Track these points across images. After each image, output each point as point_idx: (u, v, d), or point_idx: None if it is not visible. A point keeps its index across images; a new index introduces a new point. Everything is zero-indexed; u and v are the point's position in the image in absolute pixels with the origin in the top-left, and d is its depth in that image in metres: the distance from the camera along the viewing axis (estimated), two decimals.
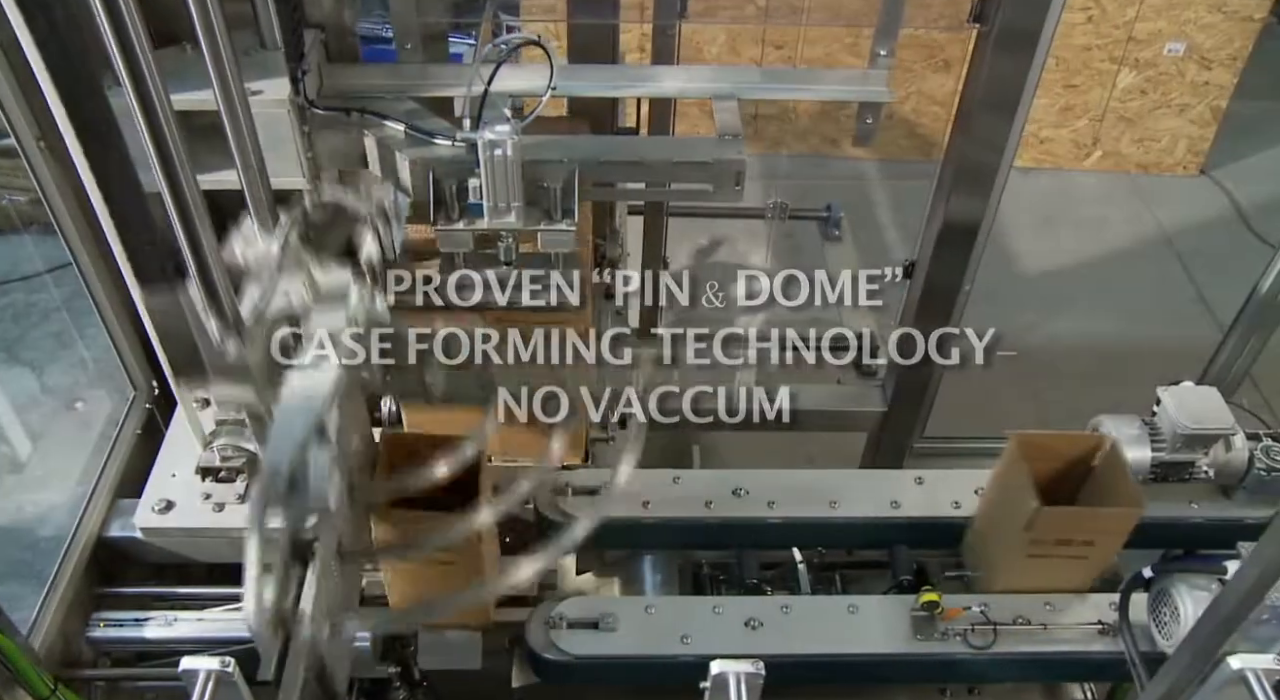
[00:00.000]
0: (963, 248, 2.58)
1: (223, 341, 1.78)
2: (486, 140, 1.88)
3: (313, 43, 2.11)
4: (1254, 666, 1.40)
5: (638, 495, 2.30)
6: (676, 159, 1.98)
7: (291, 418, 1.66)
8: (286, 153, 2.06)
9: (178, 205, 1.61)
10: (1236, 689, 1.47)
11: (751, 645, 2.09)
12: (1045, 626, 2.13)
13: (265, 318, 1.84)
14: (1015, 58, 2.23)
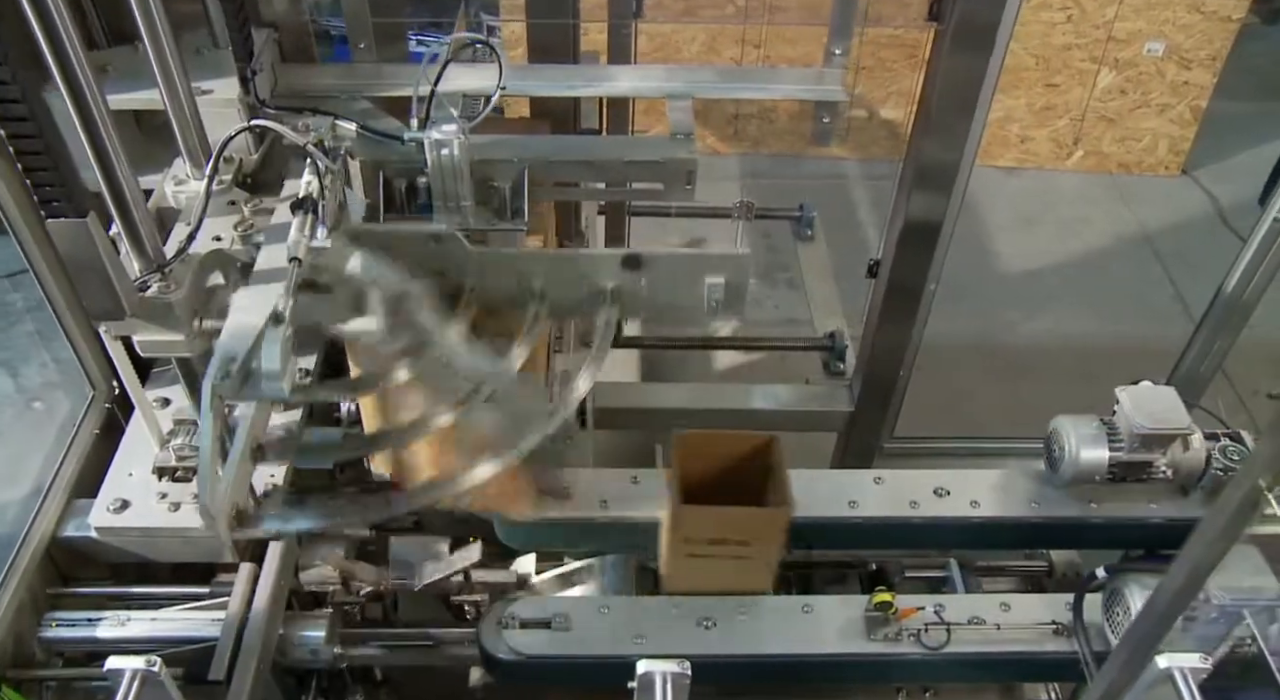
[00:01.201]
0: (925, 247, 2.58)
1: (144, 279, 1.73)
2: (433, 140, 1.88)
3: (265, 42, 2.12)
4: (1181, 665, 1.39)
5: (596, 495, 2.30)
6: (627, 158, 1.98)
7: (246, 308, 1.67)
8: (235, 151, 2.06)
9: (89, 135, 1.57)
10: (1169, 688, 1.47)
11: (705, 645, 2.10)
12: (999, 627, 2.13)
13: (190, 256, 1.81)
14: (973, 55, 2.24)
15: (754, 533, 2.04)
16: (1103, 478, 2.27)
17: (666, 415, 3.08)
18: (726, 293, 1.94)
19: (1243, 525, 1.34)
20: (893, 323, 2.76)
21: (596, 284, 1.92)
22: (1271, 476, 1.27)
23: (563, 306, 1.97)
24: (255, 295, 1.69)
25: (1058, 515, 2.35)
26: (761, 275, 4.31)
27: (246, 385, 1.58)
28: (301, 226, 1.71)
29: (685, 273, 1.92)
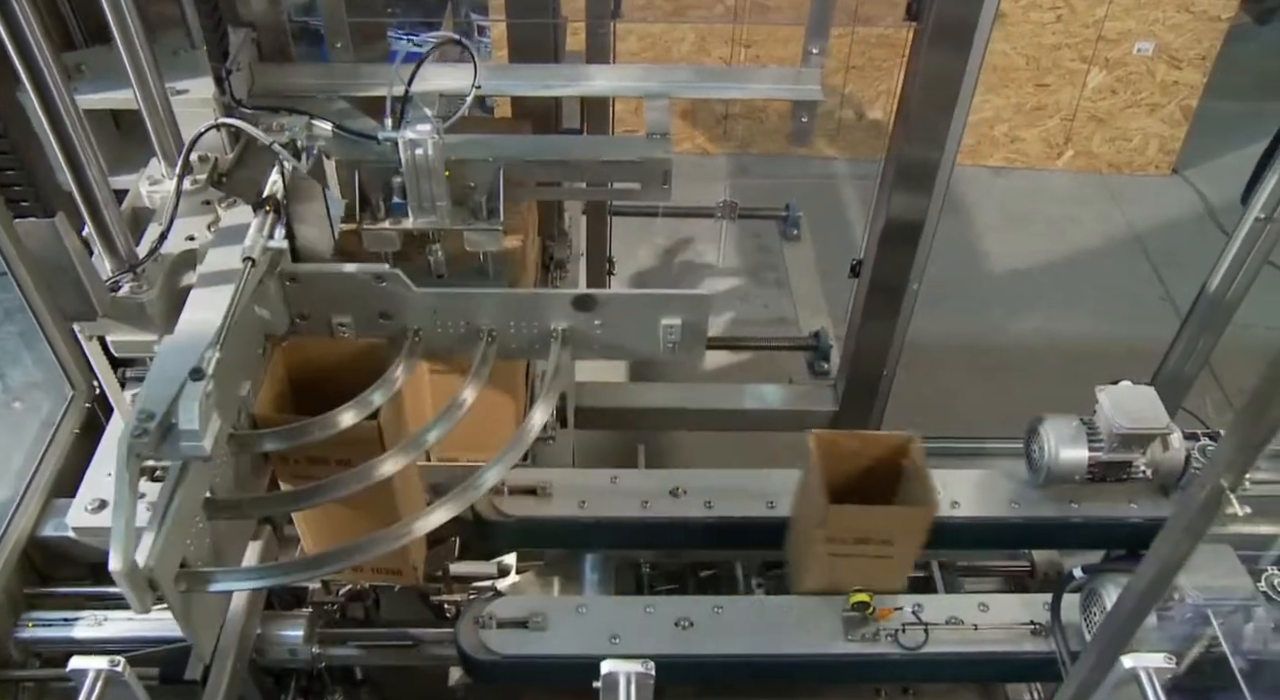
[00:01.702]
0: (907, 246, 2.58)
1: (117, 280, 1.70)
2: (407, 140, 1.88)
3: (242, 42, 2.11)
4: (1146, 665, 1.39)
5: (575, 495, 2.29)
6: (603, 158, 1.98)
7: (170, 356, 1.58)
8: (213, 152, 2.06)
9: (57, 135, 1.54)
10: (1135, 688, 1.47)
11: (682, 645, 2.09)
12: (976, 627, 2.13)
13: (162, 256, 1.79)
14: (952, 53, 2.23)
15: (898, 531, 2.05)
16: (1082, 478, 2.27)
17: (650, 415, 3.08)
18: (684, 334, 1.87)
19: (1206, 525, 1.34)
20: (876, 322, 2.76)
21: (547, 325, 1.88)
22: (1233, 476, 1.27)
23: (512, 347, 1.93)
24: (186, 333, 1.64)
25: (1038, 515, 2.35)
26: (750, 274, 4.31)
27: (165, 442, 1.50)
28: (261, 226, 1.70)
29: (640, 314, 1.86)
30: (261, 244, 1.73)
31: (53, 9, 2.13)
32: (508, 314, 1.88)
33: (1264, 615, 1.99)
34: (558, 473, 2.35)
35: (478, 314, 1.88)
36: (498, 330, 1.90)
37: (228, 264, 1.73)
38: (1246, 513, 1.26)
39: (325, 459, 1.89)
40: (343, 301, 1.88)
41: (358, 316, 1.90)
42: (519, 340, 1.92)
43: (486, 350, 1.89)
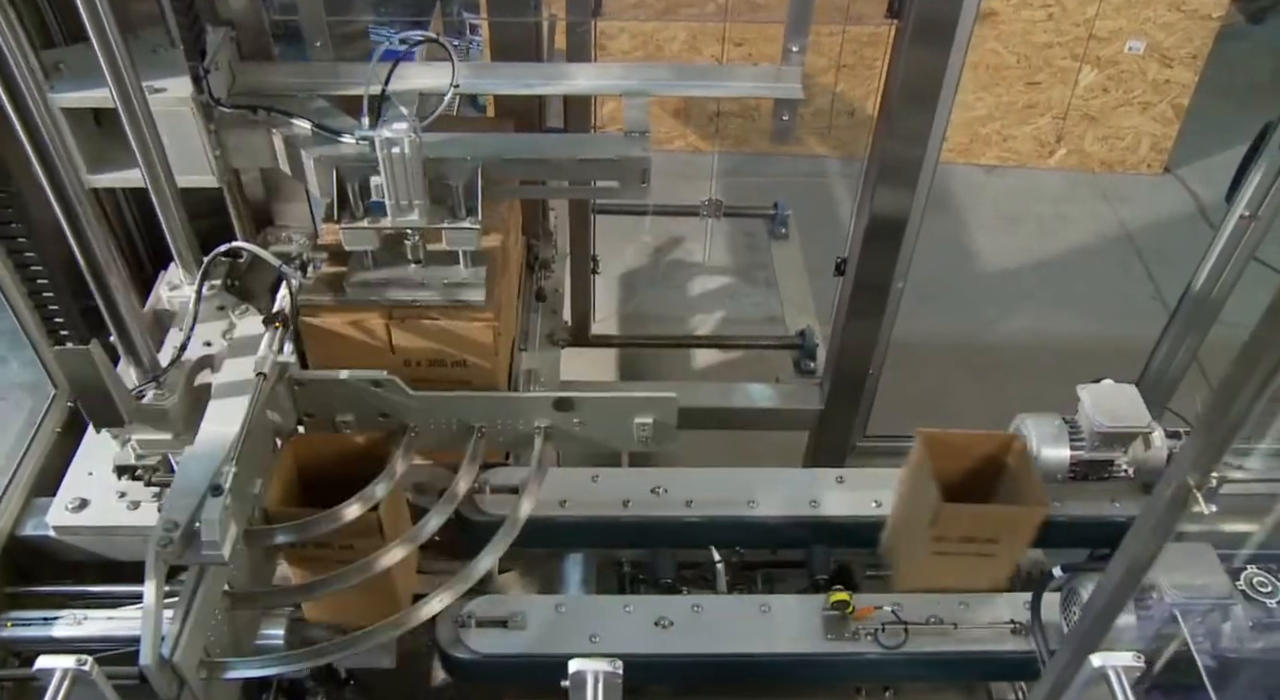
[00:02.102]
0: (891, 244, 2.57)
1: (141, 389, 1.85)
2: (384, 138, 1.88)
3: (222, 40, 2.11)
4: (1114, 664, 1.39)
5: (556, 494, 2.29)
6: (580, 156, 1.98)
7: (191, 466, 1.74)
8: (193, 151, 2.07)
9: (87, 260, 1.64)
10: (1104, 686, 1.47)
11: (661, 644, 2.09)
12: (957, 626, 2.12)
13: (183, 363, 1.95)
14: (933, 51, 2.23)
15: (1006, 531, 2.06)
16: (1064, 476, 2.27)
17: None
18: (655, 430, 2.06)
19: (1174, 523, 1.33)
20: (861, 321, 2.76)
21: (531, 422, 2.06)
22: (1199, 475, 1.27)
23: (499, 441, 2.11)
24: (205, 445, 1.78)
25: None
26: (741, 273, 4.31)
27: (189, 549, 1.65)
28: (271, 341, 1.78)
29: (614, 413, 2.04)
30: (272, 359, 1.88)
31: (32, 6, 2.13)
32: (495, 413, 2.06)
33: (1242, 614, 1.99)
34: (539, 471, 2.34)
35: (467, 413, 2.06)
36: (487, 427, 2.08)
37: (241, 374, 1.88)
38: (1212, 511, 1.26)
39: (330, 544, 2.02)
40: (345, 403, 2.04)
41: (359, 415, 2.07)
42: (506, 436, 2.10)
43: (476, 445, 2.07)
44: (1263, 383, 1.15)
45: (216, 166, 2.11)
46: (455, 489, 2.02)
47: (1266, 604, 2.03)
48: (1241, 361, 1.16)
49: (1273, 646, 2.01)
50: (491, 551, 1.97)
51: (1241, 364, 1.16)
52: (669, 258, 4.31)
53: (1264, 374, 1.14)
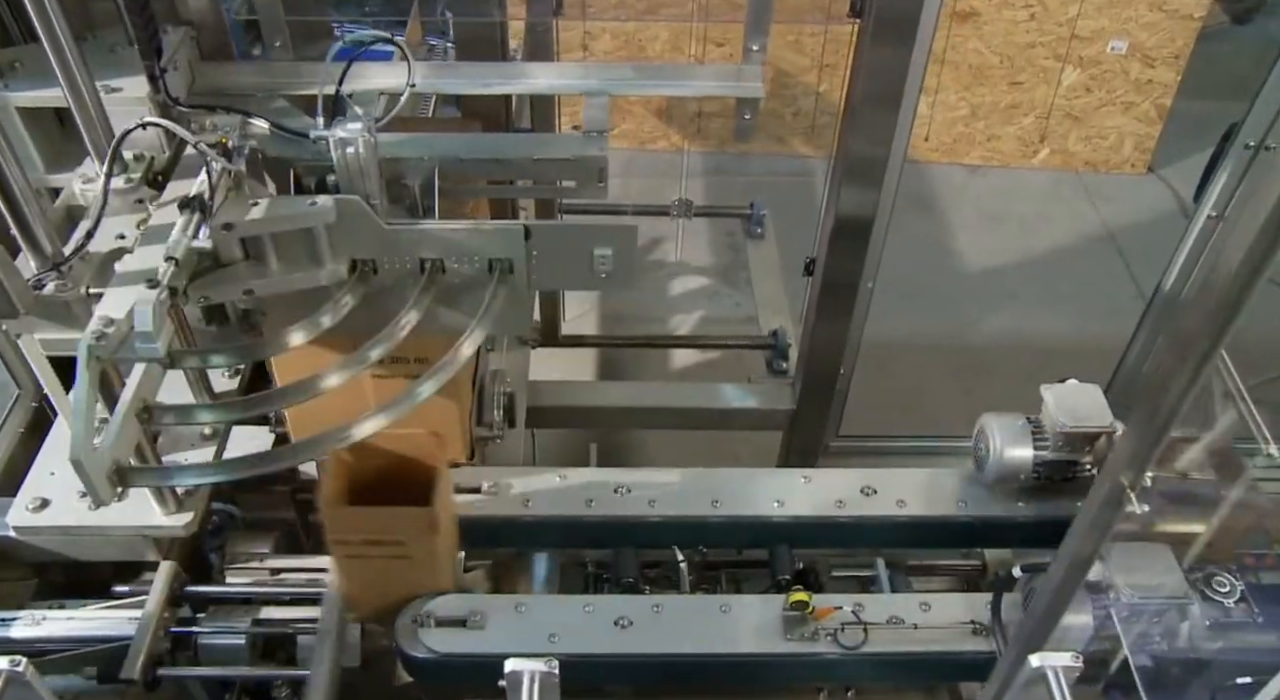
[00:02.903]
0: (858, 243, 2.57)
1: (40, 278, 1.76)
2: (338, 138, 1.87)
3: (181, 40, 2.11)
4: (1053, 664, 1.39)
5: (520, 493, 2.29)
6: (537, 156, 1.97)
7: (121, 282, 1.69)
8: (149, 150, 2.06)
9: None
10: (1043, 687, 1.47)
11: (619, 644, 2.09)
12: (917, 626, 2.12)
13: (91, 255, 1.83)
14: (894, 49, 2.22)
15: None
16: (1028, 476, 2.27)
17: (607, 414, 3.08)
18: (614, 263, 1.93)
19: (1110, 522, 1.33)
20: (830, 321, 2.75)
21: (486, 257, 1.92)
22: (1133, 474, 1.27)
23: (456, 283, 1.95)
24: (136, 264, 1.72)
25: (985, 515, 2.35)
26: (721, 273, 4.31)
27: (123, 346, 1.61)
28: (185, 226, 1.71)
29: (572, 243, 1.92)
30: (185, 244, 1.74)
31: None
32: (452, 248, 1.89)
33: (1199, 614, 1.99)
34: (503, 471, 2.35)
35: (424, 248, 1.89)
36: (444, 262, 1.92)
37: (151, 264, 1.72)
38: (1145, 510, 1.26)
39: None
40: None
41: None
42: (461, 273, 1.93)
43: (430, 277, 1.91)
44: (1189, 381, 1.15)
45: None
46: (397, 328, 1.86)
47: (1224, 604, 2.03)
48: (1167, 361, 1.16)
49: (1232, 647, 2.01)
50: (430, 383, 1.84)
51: (1167, 363, 1.16)
52: (649, 258, 4.31)
53: (1190, 372, 1.14)
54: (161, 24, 2.09)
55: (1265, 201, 0.99)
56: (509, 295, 1.97)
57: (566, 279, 2.01)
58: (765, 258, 3.59)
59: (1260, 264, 1.03)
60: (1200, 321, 1.09)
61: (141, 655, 2.04)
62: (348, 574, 2.14)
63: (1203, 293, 1.09)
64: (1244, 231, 1.02)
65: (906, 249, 4.85)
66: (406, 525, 2.02)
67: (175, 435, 2.28)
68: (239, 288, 1.94)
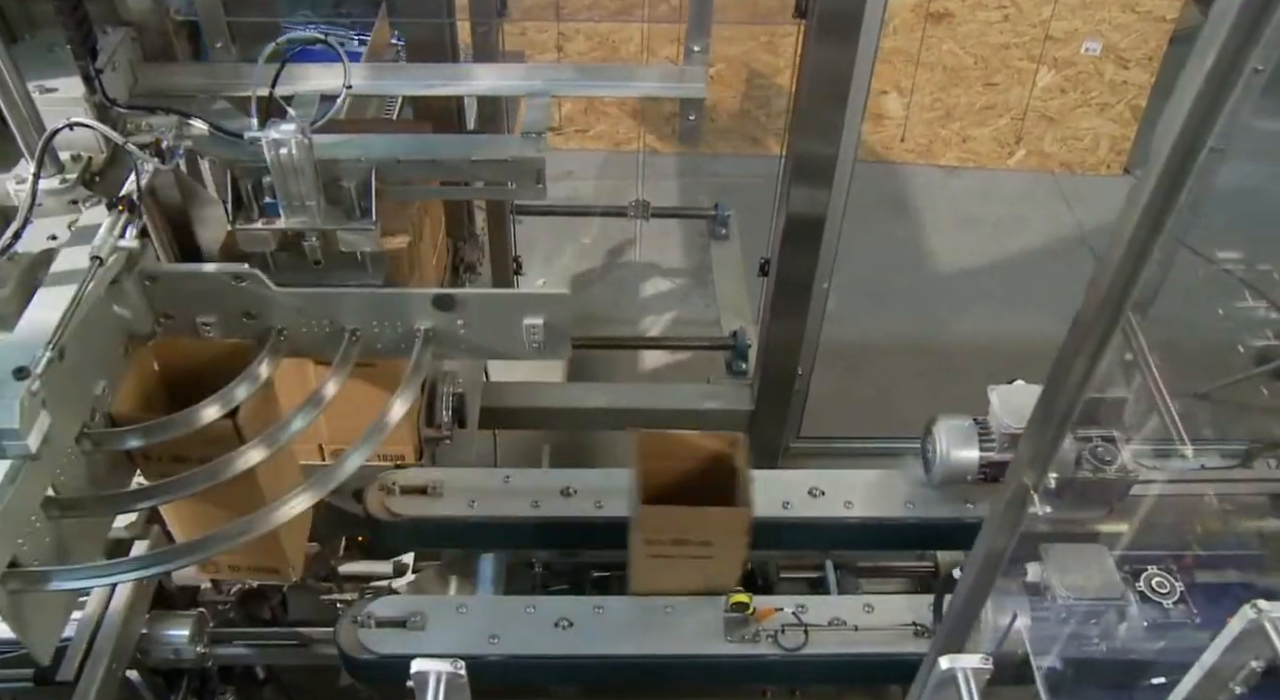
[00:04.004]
0: (810, 243, 2.57)
1: None
2: (271, 139, 1.87)
3: (120, 41, 2.10)
4: (963, 666, 1.38)
5: (465, 494, 2.29)
6: (474, 157, 1.97)
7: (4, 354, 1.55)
8: (88, 151, 2.05)
9: None
10: None
11: (560, 645, 2.09)
12: (858, 628, 2.12)
13: (18, 257, 1.79)
14: (838, 48, 2.22)
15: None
16: (975, 477, 2.27)
17: (564, 415, 3.08)
18: (547, 334, 1.91)
19: (1016, 523, 1.33)
20: (785, 321, 2.75)
21: (410, 324, 1.91)
22: (1035, 475, 1.27)
23: (377, 347, 1.97)
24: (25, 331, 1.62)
25: (932, 516, 2.34)
26: (692, 274, 4.30)
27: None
28: (112, 226, 1.70)
29: (501, 313, 1.90)
30: (111, 243, 1.73)
31: None
32: (371, 313, 1.91)
33: (1136, 614, 1.99)
34: (450, 472, 2.34)
35: (341, 313, 1.91)
36: (362, 330, 1.93)
37: (79, 264, 1.72)
38: (1046, 511, 1.26)
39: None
40: (205, 301, 1.90)
41: (221, 316, 1.93)
42: (384, 340, 1.95)
43: (349, 349, 1.92)
44: (1079, 385, 1.15)
45: None
46: (322, 392, 1.86)
47: (1163, 605, 2.03)
48: (1058, 365, 1.16)
49: (1171, 647, 2.01)
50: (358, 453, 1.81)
51: (1058, 367, 1.16)
52: (618, 259, 4.31)
53: (1079, 376, 1.14)
54: (102, 24, 2.09)
55: (1133, 210, 0.99)
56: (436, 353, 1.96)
57: (495, 348, 1.98)
58: (729, 259, 3.59)
59: (1136, 266, 1.03)
60: (1087, 325, 1.09)
61: (79, 657, 2.05)
62: (647, 573, 2.12)
63: (1088, 296, 1.09)
64: (1118, 236, 1.02)
65: (880, 250, 4.87)
66: (719, 525, 2.03)
67: None
68: None
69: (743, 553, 2.09)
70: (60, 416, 1.59)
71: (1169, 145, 0.95)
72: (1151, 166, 0.98)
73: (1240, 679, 1.35)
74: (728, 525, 2.02)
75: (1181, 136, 0.94)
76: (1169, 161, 0.96)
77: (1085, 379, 1.12)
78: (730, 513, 2.01)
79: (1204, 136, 0.93)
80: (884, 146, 5.14)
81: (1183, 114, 0.93)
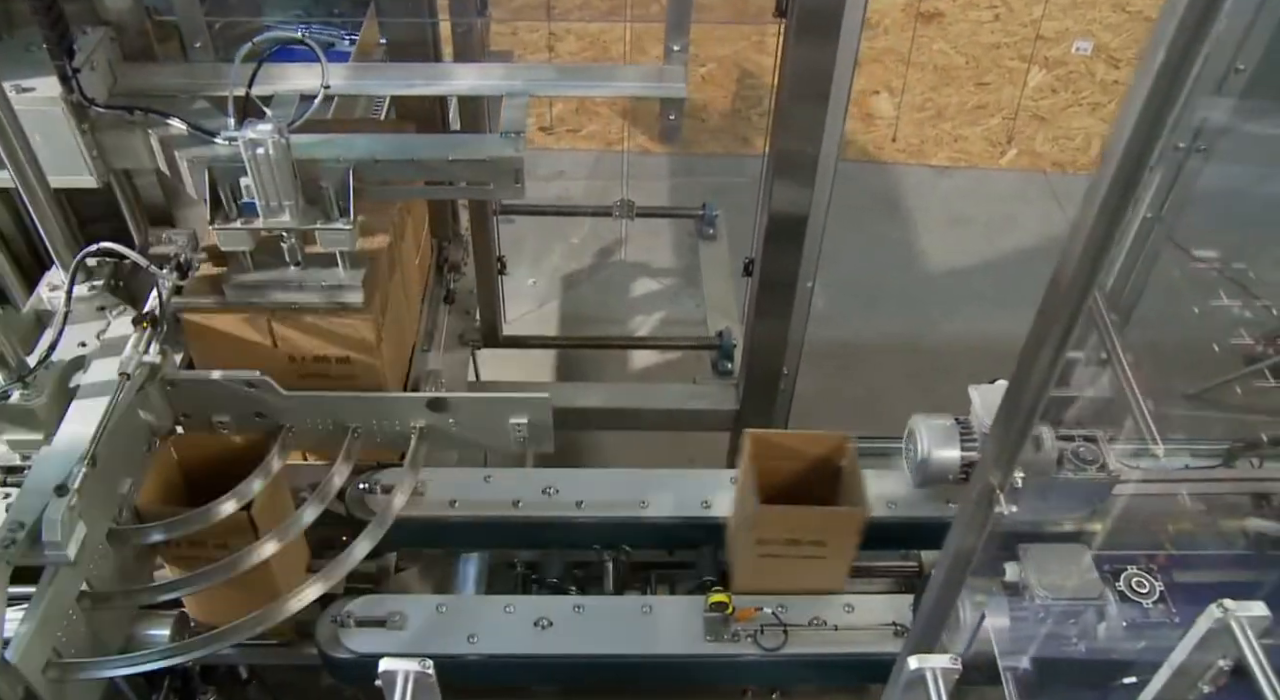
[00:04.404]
0: (793, 242, 2.56)
1: (6, 388, 1.88)
2: (248, 139, 1.87)
3: (99, 41, 2.10)
4: (931, 666, 1.38)
5: (447, 494, 2.29)
6: (452, 157, 1.97)
7: (44, 467, 1.76)
8: (68, 151, 2.06)
9: None
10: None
11: (539, 645, 2.09)
12: (838, 628, 2.12)
13: (54, 364, 1.96)
14: (818, 46, 2.21)
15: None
16: (956, 477, 2.26)
17: None
18: (531, 430, 2.08)
19: (983, 523, 1.33)
20: (770, 321, 2.74)
21: (406, 423, 2.08)
22: (1000, 475, 1.27)
23: (377, 441, 2.14)
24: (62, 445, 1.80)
25: (914, 516, 2.34)
26: (682, 274, 4.30)
27: (34, 549, 1.66)
28: (138, 342, 1.79)
29: (488, 414, 2.06)
30: (137, 359, 1.89)
31: None
32: (368, 414, 2.08)
33: (1115, 614, 1.98)
34: (432, 472, 2.34)
35: (341, 413, 2.09)
36: (362, 428, 2.11)
37: (109, 375, 1.89)
38: (1012, 511, 1.25)
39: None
40: (219, 403, 2.06)
41: (235, 415, 2.09)
42: (382, 435, 2.12)
43: (351, 444, 2.10)
44: (1042, 384, 1.15)
45: (95, 167, 2.10)
46: (328, 486, 2.03)
47: (1143, 605, 2.03)
48: (1020, 366, 1.16)
49: (1151, 647, 2.00)
50: (362, 546, 1.97)
51: (1020, 368, 1.16)
52: (612, 258, 4.31)
53: (1041, 375, 1.14)
54: (81, 24, 2.09)
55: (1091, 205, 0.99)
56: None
57: (484, 442, 2.15)
58: (716, 259, 3.59)
59: (1094, 268, 1.03)
60: (1044, 326, 1.09)
61: None
62: (756, 572, 2.14)
63: (1047, 294, 1.09)
64: (1074, 239, 1.02)
65: (872, 250, 4.86)
66: (834, 525, 2.05)
67: None
68: None
69: (853, 553, 2.11)
70: (92, 520, 1.77)
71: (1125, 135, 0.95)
72: (1108, 159, 0.98)
73: (1209, 678, 1.35)
74: (842, 525, 2.04)
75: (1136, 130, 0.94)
76: (1126, 152, 0.96)
77: (1047, 379, 1.12)
78: (845, 513, 2.03)
79: (1158, 129, 0.93)
80: (875, 146, 5.14)
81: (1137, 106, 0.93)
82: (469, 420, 2.06)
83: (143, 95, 2.14)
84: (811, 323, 3.12)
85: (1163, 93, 0.89)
